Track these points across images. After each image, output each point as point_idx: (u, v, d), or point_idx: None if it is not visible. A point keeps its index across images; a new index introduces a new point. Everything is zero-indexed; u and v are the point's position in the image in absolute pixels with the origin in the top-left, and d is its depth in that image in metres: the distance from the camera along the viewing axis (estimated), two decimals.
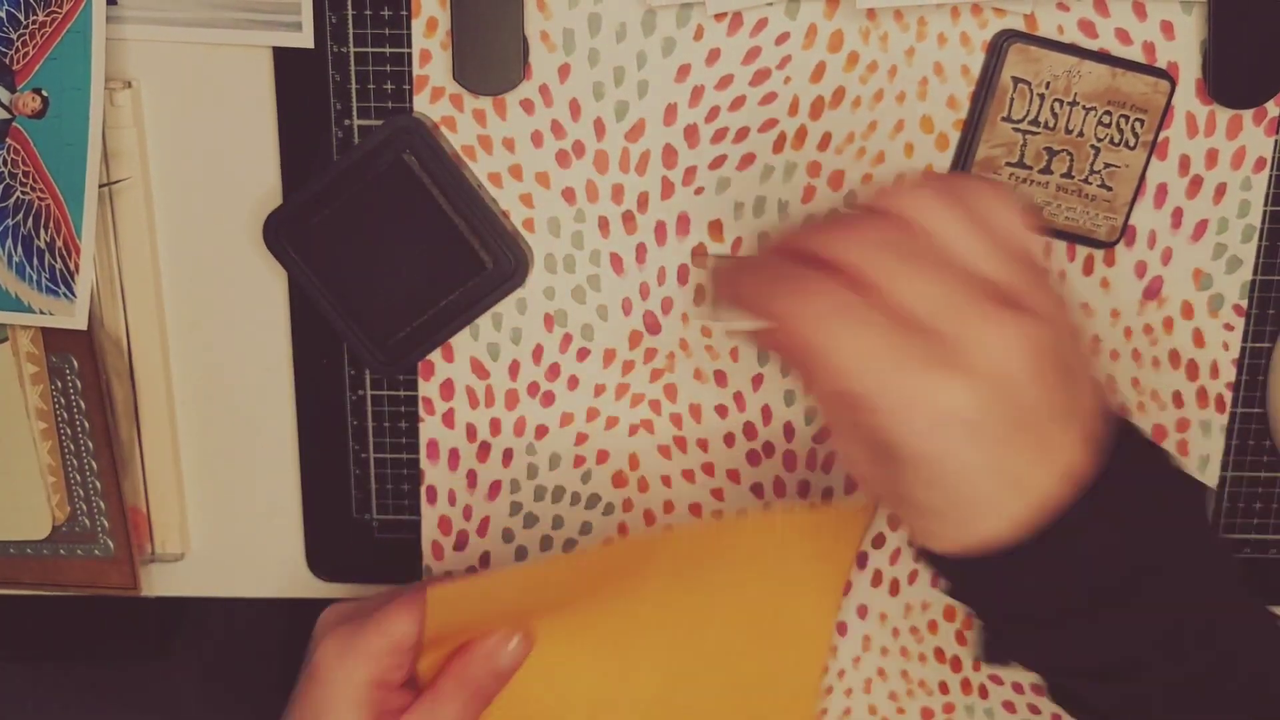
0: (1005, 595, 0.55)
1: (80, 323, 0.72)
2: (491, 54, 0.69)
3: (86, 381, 0.74)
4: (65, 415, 0.75)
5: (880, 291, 0.52)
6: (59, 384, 0.74)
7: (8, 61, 0.69)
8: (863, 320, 0.51)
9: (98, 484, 0.76)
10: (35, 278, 0.72)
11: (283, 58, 0.71)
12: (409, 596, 0.67)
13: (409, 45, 0.70)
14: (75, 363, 0.73)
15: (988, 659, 0.78)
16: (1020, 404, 0.51)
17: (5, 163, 0.71)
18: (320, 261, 0.72)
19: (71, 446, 0.75)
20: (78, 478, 0.76)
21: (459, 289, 0.72)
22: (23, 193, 0.71)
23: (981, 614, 0.59)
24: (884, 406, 0.51)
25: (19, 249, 0.72)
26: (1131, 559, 0.54)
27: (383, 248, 0.72)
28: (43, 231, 0.71)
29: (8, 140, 0.70)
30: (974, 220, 0.53)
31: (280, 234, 0.71)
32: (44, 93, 0.70)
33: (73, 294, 0.72)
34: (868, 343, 0.51)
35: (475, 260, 0.71)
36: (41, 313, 0.73)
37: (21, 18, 0.69)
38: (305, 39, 0.70)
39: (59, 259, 0.71)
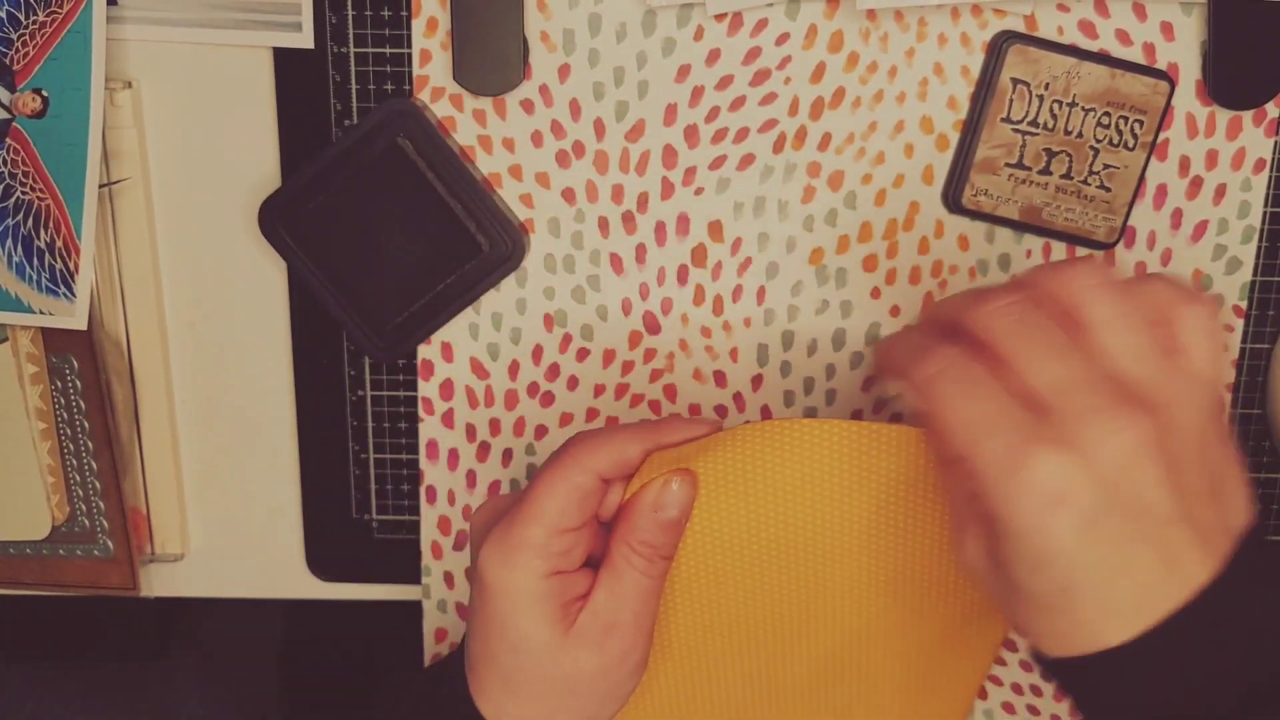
0: (1113, 697, 0.53)
1: (80, 323, 0.72)
2: (491, 54, 0.69)
3: (86, 381, 0.74)
4: (65, 415, 0.75)
5: (1009, 368, 0.52)
6: (59, 384, 0.74)
7: (8, 62, 0.69)
8: (983, 389, 0.52)
9: (98, 484, 0.76)
10: (35, 278, 0.72)
11: (283, 58, 0.71)
12: (550, 474, 0.61)
13: (409, 45, 0.70)
14: (75, 363, 0.73)
15: None
16: (1140, 506, 0.50)
17: (5, 163, 0.71)
18: (316, 247, 0.72)
19: (71, 446, 0.75)
20: (78, 478, 0.76)
21: (456, 273, 0.72)
22: (23, 193, 0.71)
23: (1087, 713, 0.56)
24: (993, 473, 0.50)
25: (19, 249, 0.72)
26: (1250, 673, 0.52)
27: (378, 232, 0.72)
28: (43, 231, 0.71)
29: (8, 140, 0.70)
30: (1140, 319, 0.53)
31: (275, 220, 0.71)
32: (44, 93, 0.70)
33: (73, 294, 0.72)
34: (984, 409, 0.51)
35: (471, 243, 0.71)
36: (41, 313, 0.73)
37: (22, 18, 0.69)
38: (305, 39, 0.70)
39: (59, 259, 0.71)
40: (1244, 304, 0.72)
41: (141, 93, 0.72)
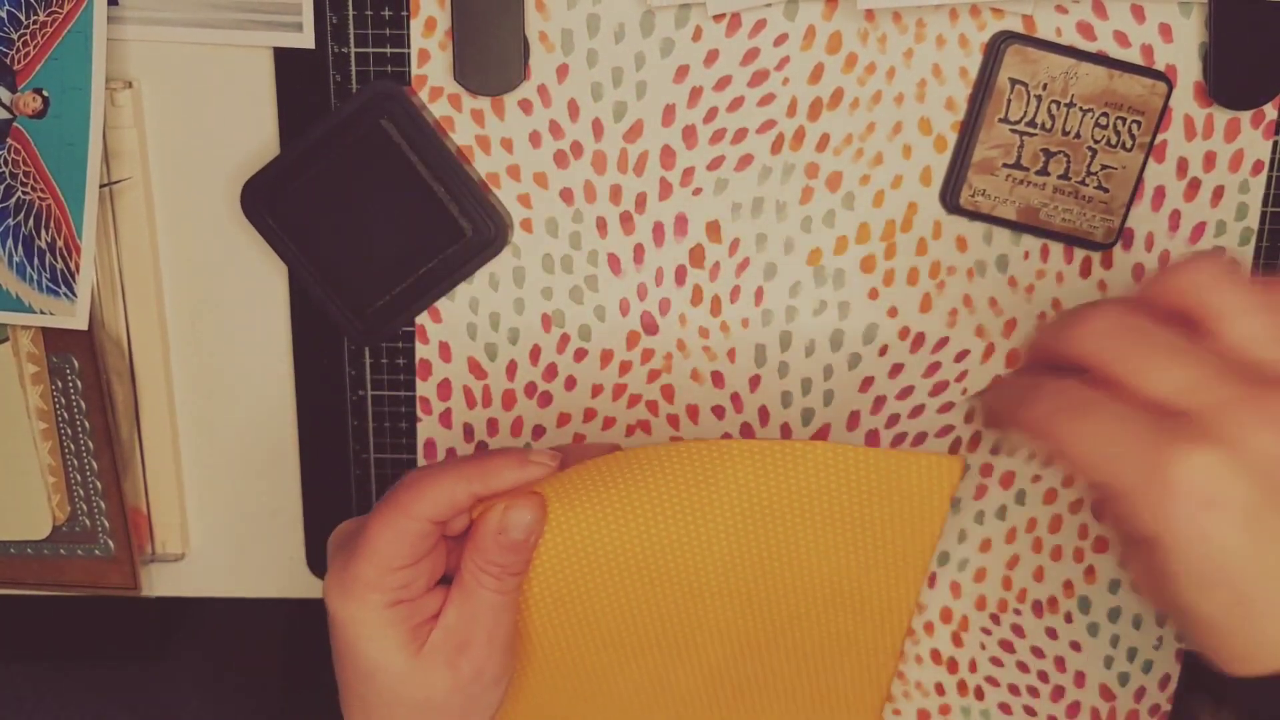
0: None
1: (81, 323, 0.72)
2: (491, 54, 0.69)
3: (87, 381, 0.74)
4: (65, 415, 0.75)
5: (1126, 384, 0.49)
6: (59, 384, 0.74)
7: (8, 61, 0.70)
8: (1101, 409, 0.49)
9: (98, 484, 0.76)
10: (36, 278, 0.72)
11: (283, 58, 0.71)
12: (380, 517, 0.61)
13: (409, 45, 0.70)
14: (75, 363, 0.74)
15: None
16: None
17: (6, 163, 0.71)
18: (298, 228, 0.72)
19: (72, 446, 0.75)
20: (78, 478, 0.76)
21: (438, 257, 0.72)
22: (23, 193, 0.71)
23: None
24: (1133, 490, 0.48)
25: (19, 249, 0.72)
26: None
27: (361, 215, 0.71)
28: (43, 231, 0.71)
29: (8, 140, 0.70)
30: (1262, 302, 0.51)
31: (257, 200, 0.71)
32: (45, 93, 0.70)
33: (73, 294, 0.72)
34: (1107, 428, 0.48)
35: (454, 227, 0.71)
36: (42, 313, 0.73)
37: (22, 17, 0.69)
38: (306, 39, 0.70)
39: (59, 259, 0.72)
40: None
41: (142, 92, 0.72)
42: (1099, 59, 0.68)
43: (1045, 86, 0.68)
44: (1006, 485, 0.75)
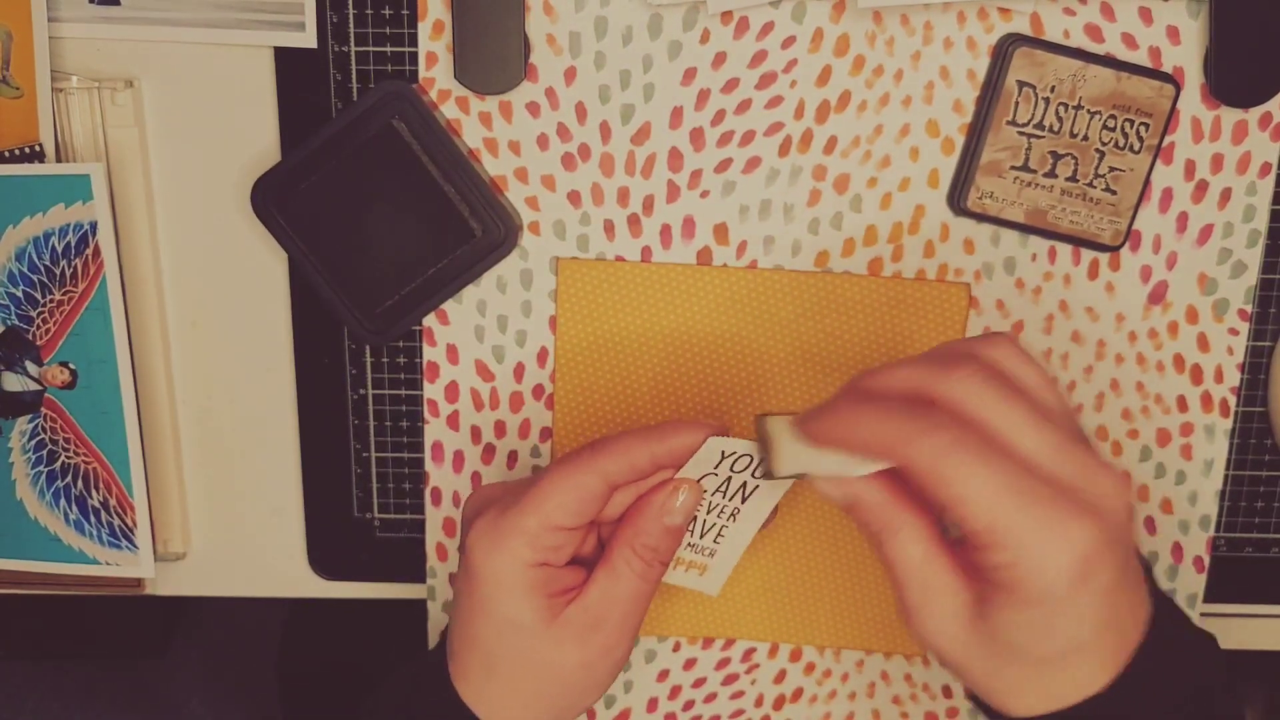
0: None
1: (148, 571, 0.76)
2: (492, 53, 0.69)
3: None
4: None
5: (1002, 436, 0.52)
6: None
7: (31, 337, 0.72)
8: (999, 457, 0.51)
9: None
10: (95, 533, 0.75)
11: (284, 57, 0.70)
12: (560, 471, 0.62)
13: (410, 44, 0.70)
14: None
15: None
16: (1126, 551, 0.53)
17: (44, 430, 0.73)
18: (308, 227, 0.71)
19: None
20: None
21: (447, 257, 0.72)
22: (67, 457, 0.74)
23: None
24: (1019, 543, 0.51)
25: (74, 508, 0.75)
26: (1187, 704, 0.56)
27: (371, 215, 0.71)
28: (94, 492, 0.74)
29: (43, 409, 0.73)
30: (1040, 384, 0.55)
31: (267, 199, 0.71)
32: (71, 366, 0.72)
33: (135, 545, 0.75)
34: (1005, 479, 0.51)
35: (464, 228, 0.71)
36: (107, 564, 0.76)
37: (39, 296, 0.71)
38: (308, 39, 0.70)
39: (115, 516, 0.74)
40: (1249, 308, 0.72)
41: (143, 92, 0.71)
42: (1107, 61, 0.68)
43: (1053, 89, 0.68)
44: None
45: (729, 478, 0.63)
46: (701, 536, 0.66)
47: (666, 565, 0.64)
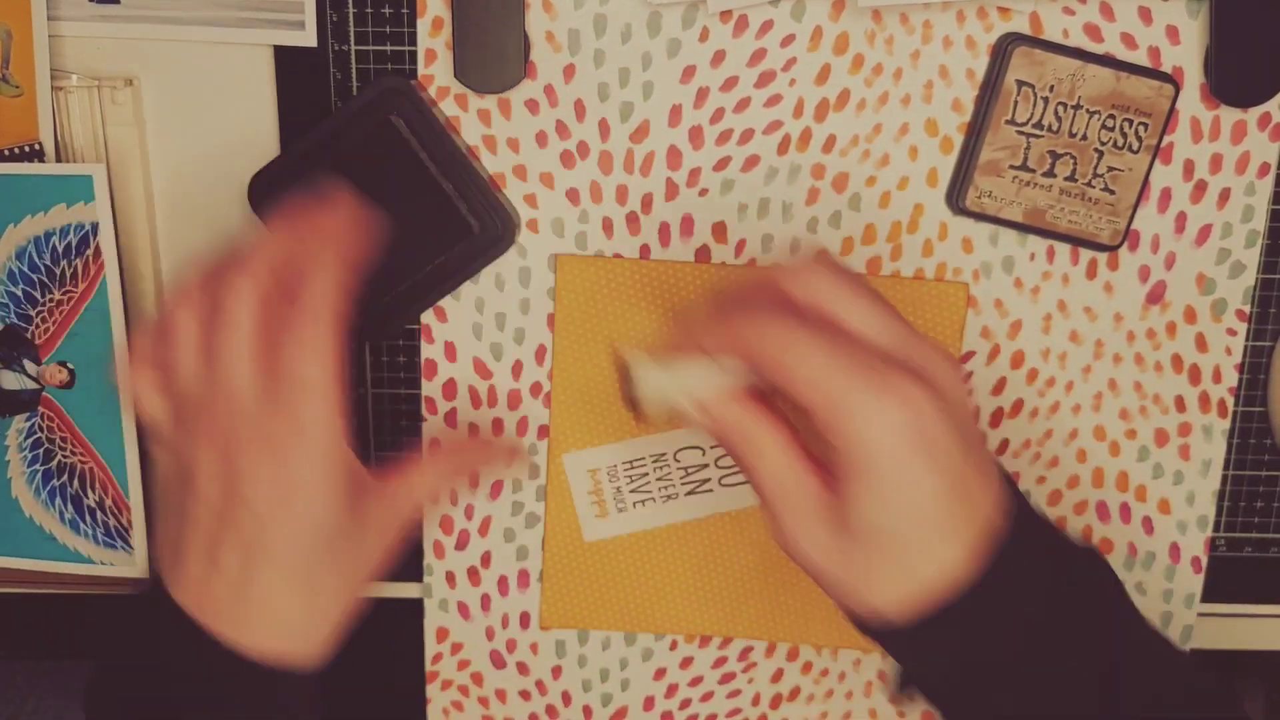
0: (934, 650, 0.57)
1: (141, 571, 0.76)
2: (492, 52, 0.69)
3: None
4: None
5: (839, 320, 0.56)
6: None
7: (30, 336, 0.72)
8: (831, 336, 0.55)
9: None
10: (90, 533, 0.75)
11: (283, 56, 0.70)
12: None
13: (409, 43, 0.70)
14: None
15: (899, 691, 0.79)
16: (965, 426, 0.55)
17: (40, 429, 0.73)
18: None
19: None
20: None
21: (445, 253, 0.71)
22: (64, 456, 0.74)
23: (908, 665, 0.60)
24: (851, 411, 0.53)
25: (69, 507, 0.75)
26: (1049, 615, 0.57)
27: (368, 210, 0.71)
28: (90, 491, 0.74)
29: (40, 409, 0.73)
30: (865, 301, 0.58)
31: (265, 194, 0.71)
32: (69, 365, 0.72)
33: (130, 546, 0.75)
34: (835, 356, 0.54)
35: (462, 224, 0.71)
36: (102, 564, 0.76)
37: (38, 295, 0.71)
38: (308, 37, 0.70)
39: (110, 516, 0.74)
40: (1247, 308, 0.72)
41: (142, 90, 0.71)
42: (1106, 61, 0.68)
43: (1052, 88, 0.68)
44: None
45: (702, 465, 0.64)
46: (631, 488, 0.67)
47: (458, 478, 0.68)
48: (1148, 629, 0.61)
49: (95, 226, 0.70)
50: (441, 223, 0.71)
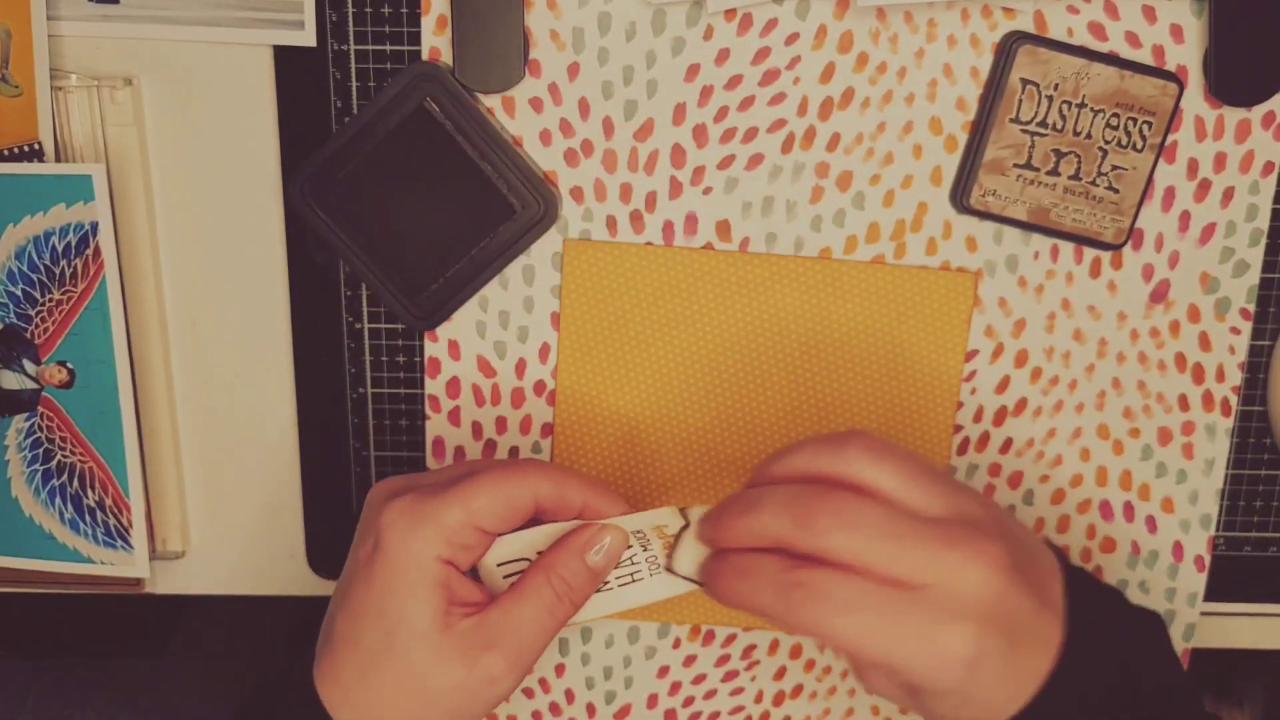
0: None
1: (143, 571, 0.75)
2: (492, 52, 0.68)
3: None
4: None
5: (858, 565, 0.55)
6: None
7: (29, 335, 0.72)
8: (854, 602, 0.55)
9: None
10: (90, 532, 0.75)
11: (283, 55, 0.70)
12: (493, 474, 0.62)
13: (409, 43, 0.69)
14: None
15: None
16: (1010, 615, 0.56)
17: (40, 429, 0.73)
18: (347, 218, 0.71)
19: None
20: None
21: (489, 235, 0.71)
22: (64, 456, 0.74)
23: None
24: (898, 663, 0.55)
25: (69, 507, 0.74)
26: (1110, 701, 0.59)
27: (409, 199, 0.71)
28: (90, 491, 0.74)
29: (40, 409, 0.73)
30: (895, 467, 0.58)
31: (305, 193, 0.71)
32: (69, 365, 0.72)
33: (130, 545, 0.75)
34: (866, 618, 0.55)
35: (504, 205, 0.71)
36: (102, 564, 0.75)
37: (38, 295, 0.71)
38: (307, 37, 0.70)
39: (110, 515, 0.74)
40: (1251, 307, 0.72)
41: (142, 90, 0.71)
42: (1110, 59, 0.68)
43: (1056, 87, 0.68)
44: (1015, 485, 0.75)
45: (646, 544, 0.64)
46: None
47: (576, 606, 0.63)
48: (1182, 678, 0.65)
49: (95, 226, 0.70)
50: (484, 205, 0.71)
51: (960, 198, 0.70)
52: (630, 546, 0.64)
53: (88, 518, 0.74)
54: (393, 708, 0.61)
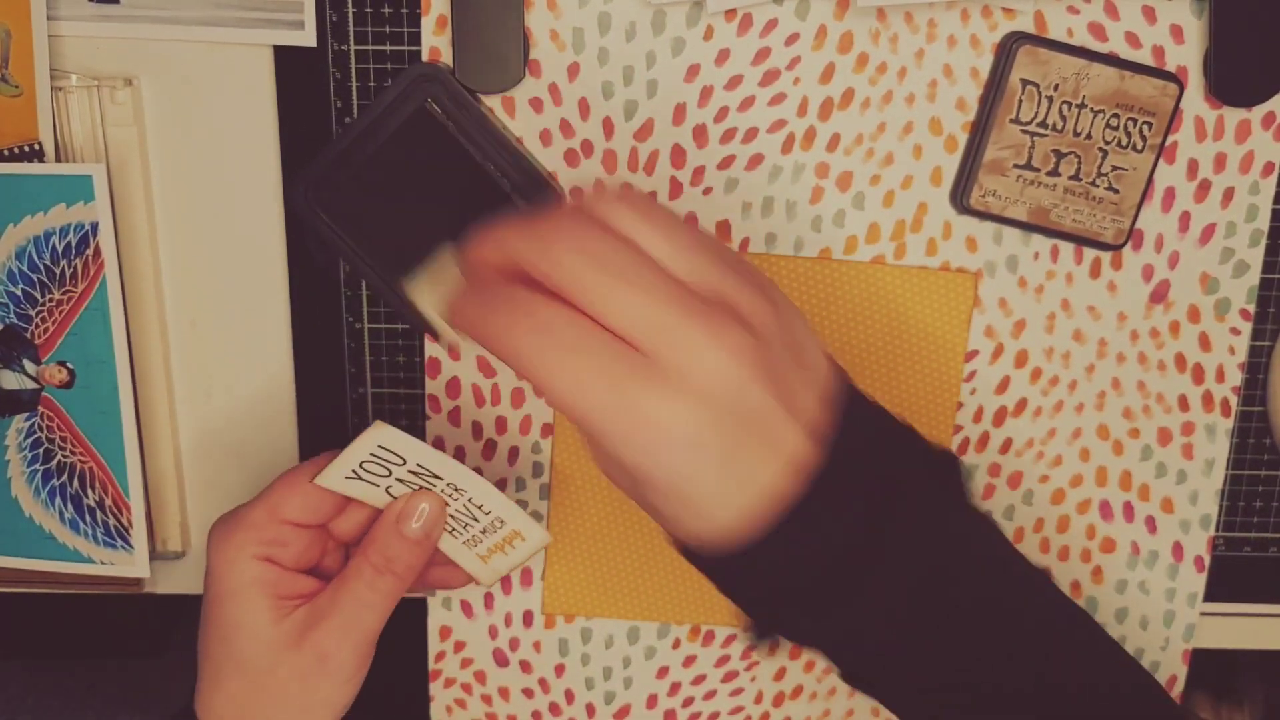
0: (750, 580, 0.55)
1: (143, 570, 0.76)
2: (492, 53, 0.68)
3: None
4: None
5: (592, 309, 0.50)
6: None
7: (30, 335, 0.72)
8: (576, 345, 0.50)
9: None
10: (90, 532, 0.75)
11: (283, 55, 0.70)
12: (294, 471, 0.66)
13: (409, 43, 0.70)
14: None
15: (755, 639, 0.77)
16: (740, 410, 0.50)
17: (40, 428, 0.73)
18: (350, 221, 0.71)
19: None
20: None
21: None
22: (64, 456, 0.74)
23: (735, 599, 0.57)
24: (606, 429, 0.50)
25: (69, 506, 0.75)
26: (867, 531, 0.53)
27: (413, 200, 0.71)
28: (90, 491, 0.74)
29: (40, 409, 0.73)
30: (668, 230, 0.52)
31: (309, 197, 0.71)
32: (69, 365, 0.72)
33: (130, 545, 0.75)
34: (583, 368, 0.50)
35: (507, 204, 0.71)
36: (103, 563, 0.76)
37: (38, 295, 0.71)
38: (308, 37, 0.70)
39: (111, 515, 0.74)
40: (1251, 307, 0.72)
41: (142, 91, 0.71)
42: (1110, 60, 0.68)
43: (1056, 87, 0.68)
44: (1014, 485, 0.75)
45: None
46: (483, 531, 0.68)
47: (404, 580, 0.65)
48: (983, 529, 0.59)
49: (95, 226, 0.70)
50: (487, 204, 0.71)
51: (960, 198, 0.70)
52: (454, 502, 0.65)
53: (88, 518, 0.74)
54: (247, 709, 0.64)
